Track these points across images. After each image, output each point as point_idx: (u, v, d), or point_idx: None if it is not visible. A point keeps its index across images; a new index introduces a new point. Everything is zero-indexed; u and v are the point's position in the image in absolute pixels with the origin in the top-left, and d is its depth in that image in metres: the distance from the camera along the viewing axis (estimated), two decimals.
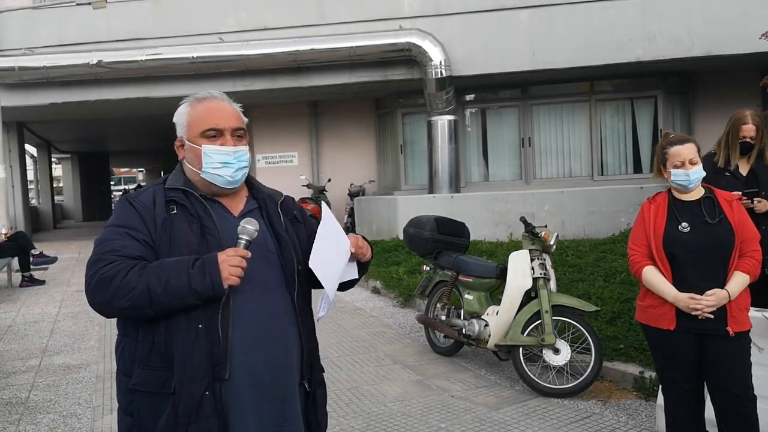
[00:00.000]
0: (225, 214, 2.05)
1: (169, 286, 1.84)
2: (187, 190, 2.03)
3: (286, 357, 2.01)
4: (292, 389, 2.03)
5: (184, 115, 2.08)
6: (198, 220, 1.98)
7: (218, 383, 1.90)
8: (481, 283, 5.45)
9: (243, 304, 1.94)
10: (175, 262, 1.89)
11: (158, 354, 1.91)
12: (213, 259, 1.87)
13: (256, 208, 2.13)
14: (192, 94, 2.11)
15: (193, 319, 1.89)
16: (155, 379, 1.91)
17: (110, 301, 1.87)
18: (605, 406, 4.54)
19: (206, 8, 12.73)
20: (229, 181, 2.04)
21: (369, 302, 8.12)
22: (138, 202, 2.01)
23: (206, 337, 1.89)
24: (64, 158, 27.96)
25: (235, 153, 2.03)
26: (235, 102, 2.13)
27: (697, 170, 3.16)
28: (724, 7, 11.04)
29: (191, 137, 2.05)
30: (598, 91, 13.06)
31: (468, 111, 13.71)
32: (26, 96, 12.77)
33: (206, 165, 2.02)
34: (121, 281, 1.85)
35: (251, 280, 1.92)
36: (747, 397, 3.04)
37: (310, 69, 12.33)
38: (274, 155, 14.94)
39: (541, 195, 11.40)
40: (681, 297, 3.06)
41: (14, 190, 15.07)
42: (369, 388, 5.09)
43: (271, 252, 2.05)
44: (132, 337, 1.96)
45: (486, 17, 11.94)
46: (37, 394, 5.17)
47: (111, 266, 1.88)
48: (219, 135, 2.03)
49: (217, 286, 1.85)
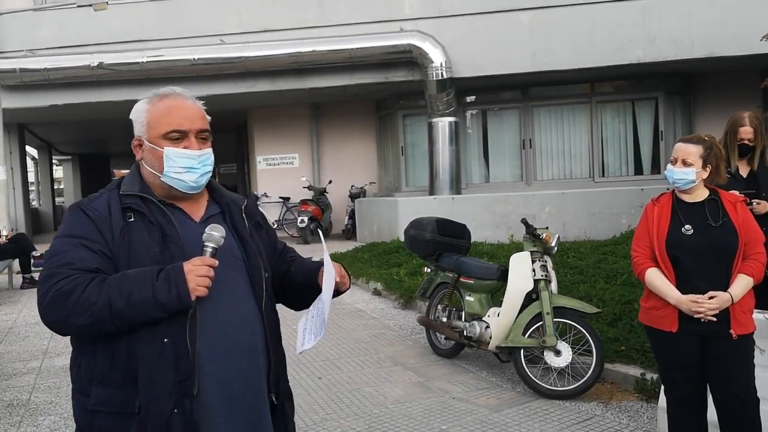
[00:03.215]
0: (186, 221, 1.93)
1: (132, 300, 1.72)
2: (144, 196, 1.89)
3: (255, 368, 1.91)
4: (263, 401, 1.94)
5: (143, 113, 1.93)
6: (158, 227, 1.85)
7: (187, 399, 1.78)
8: (482, 285, 5.44)
9: (210, 315, 1.83)
10: (138, 274, 1.76)
11: (120, 371, 1.78)
12: (178, 270, 1.75)
13: (218, 212, 2.01)
14: (153, 91, 1.97)
15: (158, 332, 1.77)
16: (117, 398, 1.78)
17: (67, 318, 1.74)
18: (606, 407, 4.53)
19: (207, 10, 12.74)
20: (192, 186, 1.91)
21: (370, 304, 8.11)
22: (92, 210, 1.86)
23: (173, 352, 1.77)
24: (65, 160, 27.96)
25: (200, 157, 1.91)
26: (201, 101, 2.00)
27: (685, 172, 3.13)
28: (724, 9, 11.04)
29: (152, 137, 1.90)
30: (599, 92, 13.07)
31: (469, 112, 13.72)
32: (27, 98, 12.78)
33: (168, 168, 1.88)
34: (79, 296, 1.72)
35: (217, 288, 1.81)
36: (750, 399, 3.04)
37: (311, 70, 12.34)
38: (275, 157, 14.96)
39: (542, 196, 11.40)
40: (683, 299, 3.05)
41: (15, 191, 15.06)
42: (370, 389, 5.08)
43: (237, 258, 1.94)
44: (90, 354, 1.83)
45: (487, 19, 11.95)
46: (38, 396, 5.16)
47: (67, 281, 1.74)
48: (183, 137, 1.90)
49: (184, 299, 1.74)
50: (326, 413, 4.63)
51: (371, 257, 10.03)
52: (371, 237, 12.15)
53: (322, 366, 5.69)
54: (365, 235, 12.56)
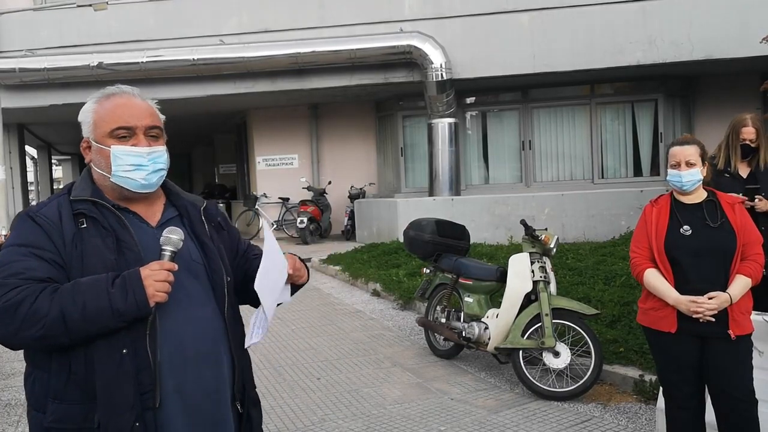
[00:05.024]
0: (141, 225, 1.85)
1: (86, 310, 1.64)
2: (96, 200, 1.81)
3: (218, 376, 1.84)
4: (227, 410, 1.87)
5: (89, 113, 1.86)
6: (112, 233, 1.77)
7: (149, 412, 1.71)
8: (481, 286, 5.45)
9: (169, 323, 1.75)
10: (91, 282, 1.68)
11: (77, 386, 1.70)
12: (135, 275, 1.68)
13: (176, 216, 1.93)
14: (101, 90, 1.91)
15: (116, 343, 1.69)
16: (75, 415, 1.70)
17: (18, 332, 1.64)
18: (605, 409, 4.53)
19: (207, 10, 12.74)
20: (142, 184, 1.83)
21: (369, 305, 8.11)
22: (41, 217, 1.77)
23: (132, 363, 1.69)
24: (65, 160, 27.98)
25: (150, 154, 1.83)
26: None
27: (692, 173, 3.15)
28: (724, 11, 11.05)
29: (98, 137, 1.84)
30: (599, 94, 13.07)
31: (468, 114, 13.72)
32: (27, 97, 12.77)
33: (116, 168, 1.81)
34: (29, 308, 1.63)
35: (176, 295, 1.75)
36: (748, 401, 3.04)
37: (311, 71, 12.34)
38: (275, 157, 14.96)
39: (542, 198, 11.41)
40: (682, 300, 3.05)
41: (14, 191, 15.05)
42: (368, 390, 5.08)
43: (195, 263, 1.87)
44: (44, 369, 1.74)
45: (487, 20, 11.96)
46: None
47: (15, 292, 1.64)
48: (130, 134, 1.82)
49: (142, 305, 1.67)
50: (324, 414, 4.63)
51: (370, 258, 10.03)
52: (370, 238, 12.16)
53: (320, 366, 5.68)
54: (364, 235, 12.56)
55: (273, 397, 4.95)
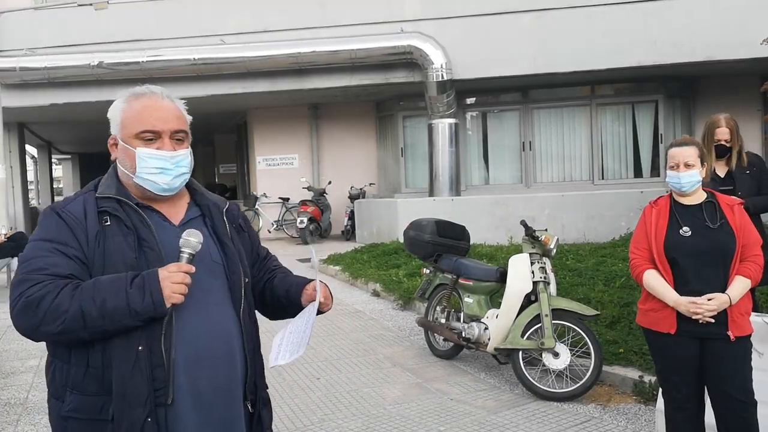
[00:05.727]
0: (164, 224, 1.88)
1: (105, 308, 1.68)
2: (120, 198, 1.84)
3: (232, 376, 1.87)
4: (238, 410, 1.91)
5: (118, 112, 1.89)
6: (134, 231, 1.80)
7: (161, 408, 1.75)
8: (481, 287, 5.45)
9: (186, 322, 1.79)
10: (111, 280, 1.72)
11: (94, 378, 1.75)
12: (153, 276, 1.71)
13: (198, 216, 1.96)
14: (129, 89, 1.92)
15: (133, 340, 1.73)
16: (91, 406, 1.74)
17: (39, 326, 1.70)
18: (605, 410, 4.53)
19: (208, 10, 12.74)
20: (164, 188, 1.86)
21: (369, 305, 8.11)
22: (67, 213, 1.81)
23: (147, 360, 1.73)
24: (65, 159, 28.01)
25: (173, 158, 1.85)
26: (185, 101, 1.95)
27: (691, 174, 3.16)
28: (725, 12, 11.04)
29: (125, 137, 1.86)
30: (599, 95, 13.07)
31: (469, 114, 13.72)
32: (27, 96, 12.77)
33: (140, 169, 1.84)
34: (51, 304, 1.68)
35: (194, 295, 1.77)
36: (747, 402, 3.04)
37: (311, 71, 12.34)
38: (275, 157, 14.95)
39: (542, 199, 11.40)
40: (681, 301, 3.05)
41: (14, 190, 15.05)
42: (368, 390, 5.08)
43: (215, 263, 1.90)
44: (64, 360, 1.79)
45: (487, 21, 11.95)
46: (35, 394, 5.15)
47: (38, 287, 1.69)
48: (156, 138, 1.85)
49: (158, 306, 1.70)
50: (324, 413, 4.63)
51: (370, 258, 10.02)
52: (371, 238, 12.15)
53: (320, 366, 5.69)
54: (364, 236, 12.56)
55: (273, 397, 4.90)
